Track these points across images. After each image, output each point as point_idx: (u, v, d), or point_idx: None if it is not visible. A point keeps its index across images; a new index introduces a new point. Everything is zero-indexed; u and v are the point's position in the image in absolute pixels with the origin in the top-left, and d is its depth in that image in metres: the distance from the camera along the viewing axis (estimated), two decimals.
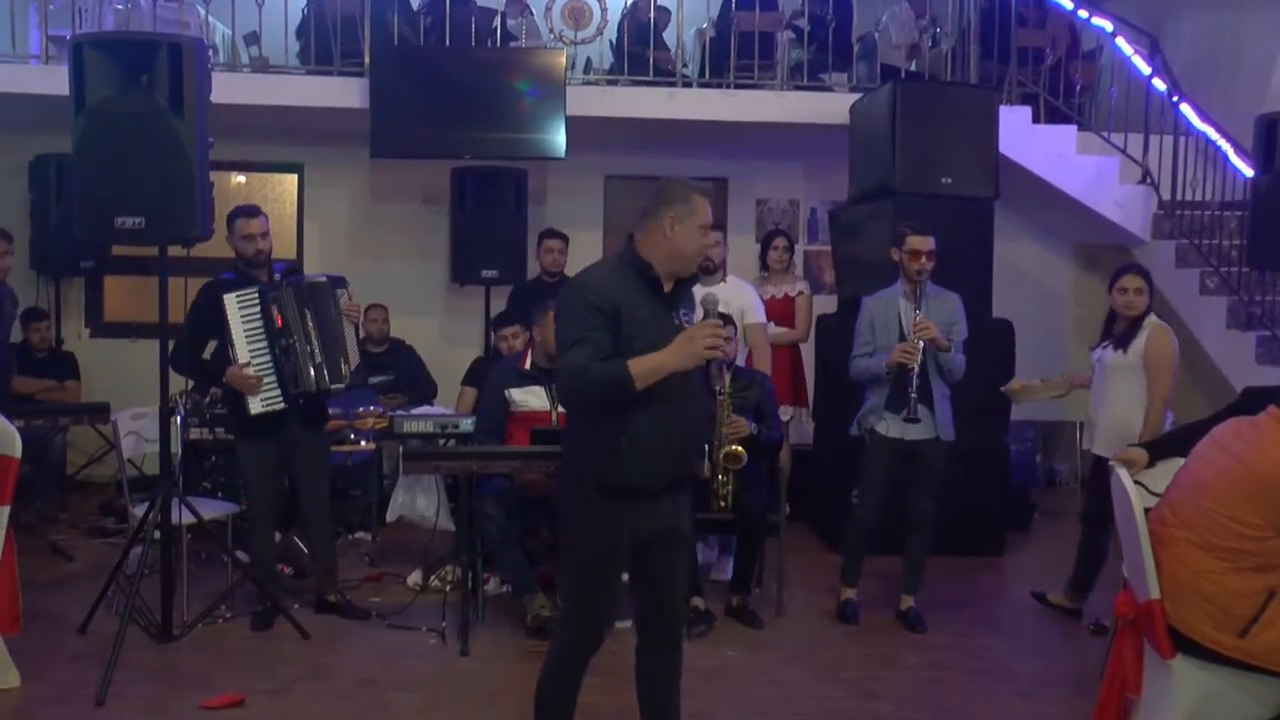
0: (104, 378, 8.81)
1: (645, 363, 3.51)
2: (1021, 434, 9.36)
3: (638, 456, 3.61)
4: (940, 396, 5.80)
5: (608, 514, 3.66)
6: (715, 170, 9.68)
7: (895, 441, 5.82)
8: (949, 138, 7.42)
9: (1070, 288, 10.00)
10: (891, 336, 5.79)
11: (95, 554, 6.98)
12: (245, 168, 9.60)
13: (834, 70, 9.00)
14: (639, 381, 3.49)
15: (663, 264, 3.67)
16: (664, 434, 3.64)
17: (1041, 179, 8.49)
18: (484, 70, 8.21)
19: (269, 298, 5.60)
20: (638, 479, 3.65)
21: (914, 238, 5.79)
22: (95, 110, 4.91)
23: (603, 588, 3.75)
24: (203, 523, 5.55)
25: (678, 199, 3.66)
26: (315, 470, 5.87)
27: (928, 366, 5.70)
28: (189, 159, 4.94)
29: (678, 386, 3.61)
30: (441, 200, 8.98)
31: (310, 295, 5.71)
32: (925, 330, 5.63)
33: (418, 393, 8.08)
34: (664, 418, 3.62)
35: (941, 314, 5.79)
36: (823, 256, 9.59)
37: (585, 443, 3.71)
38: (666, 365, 3.51)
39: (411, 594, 6.18)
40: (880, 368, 5.76)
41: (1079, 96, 9.05)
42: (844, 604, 6.03)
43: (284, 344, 5.59)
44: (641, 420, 3.59)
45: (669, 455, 3.71)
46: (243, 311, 5.57)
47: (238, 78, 8.16)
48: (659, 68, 8.77)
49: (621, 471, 3.62)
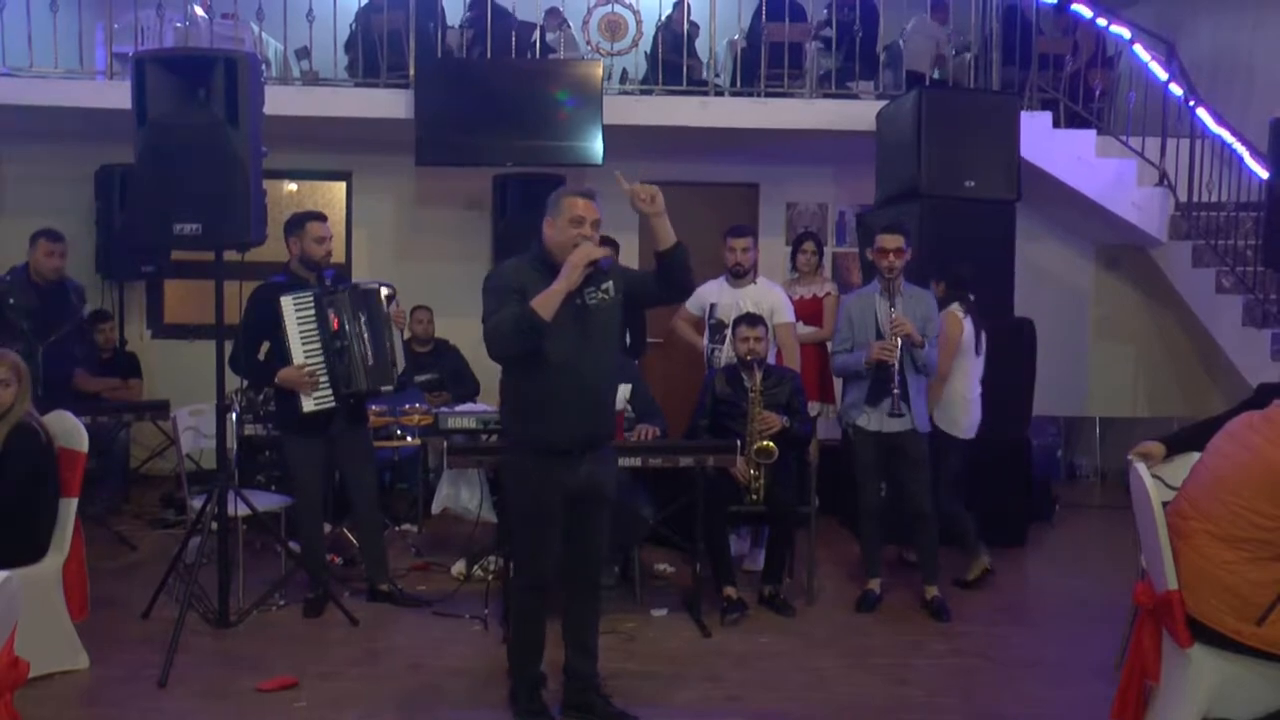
0: (164, 376, 8.90)
1: (540, 295, 3.99)
2: (1043, 429, 9.30)
3: (550, 417, 4.11)
4: (916, 391, 5.80)
5: (535, 471, 4.16)
6: (747, 176, 9.68)
7: (876, 435, 5.83)
8: (972, 142, 7.41)
9: (1091, 286, 9.91)
10: (869, 333, 5.81)
11: (157, 543, 7.05)
12: (296, 176, 9.67)
13: (861, 78, 8.97)
14: (540, 310, 3.96)
15: (558, 255, 4.11)
16: (570, 395, 4.11)
17: (1062, 182, 8.43)
18: (524, 81, 8.23)
19: (325, 301, 5.63)
20: (554, 437, 4.13)
21: (883, 236, 5.82)
22: (156, 123, 4.96)
23: (538, 536, 4.24)
24: (257, 514, 5.60)
25: (551, 205, 4.19)
26: (361, 465, 5.90)
27: (904, 362, 5.70)
28: (243, 168, 4.98)
29: (579, 351, 4.10)
30: (484, 206, 9.01)
31: (364, 300, 5.74)
32: (900, 326, 5.64)
33: (461, 390, 8.09)
34: (569, 380, 4.09)
35: (916, 311, 5.78)
36: (850, 258, 9.56)
37: (511, 406, 4.26)
38: (558, 288, 3.99)
39: (455, 583, 6.22)
40: (859, 363, 5.78)
41: (1098, 101, 8.99)
42: (863, 595, 6.03)
43: (339, 346, 5.62)
44: (550, 383, 4.08)
45: (578, 415, 4.14)
46: (299, 314, 5.59)
47: (289, 90, 8.22)
48: (692, 77, 8.76)
49: (539, 431, 4.13)
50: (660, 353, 8.73)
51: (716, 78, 8.91)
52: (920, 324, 5.75)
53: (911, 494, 5.87)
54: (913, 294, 5.86)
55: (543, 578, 4.30)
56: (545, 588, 4.32)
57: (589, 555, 4.38)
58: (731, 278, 6.68)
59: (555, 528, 4.24)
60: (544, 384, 4.11)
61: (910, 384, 5.76)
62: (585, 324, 4.15)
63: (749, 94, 8.66)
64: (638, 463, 5.50)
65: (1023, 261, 7.86)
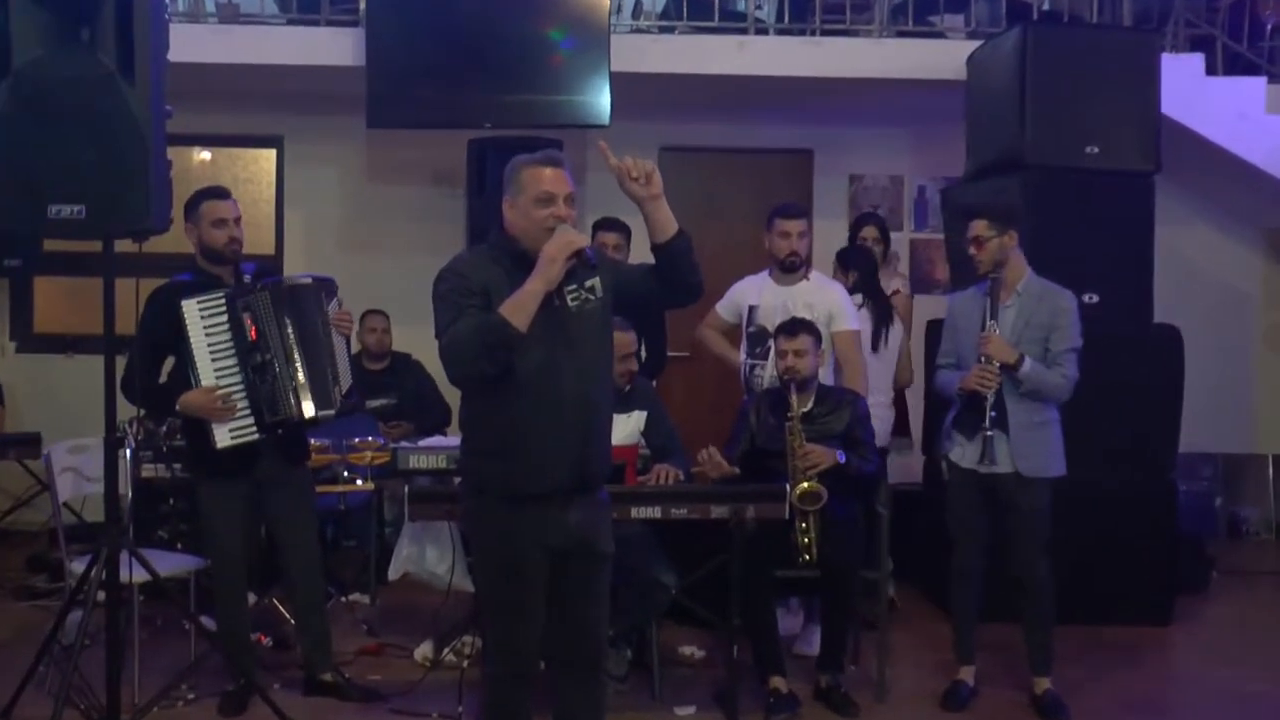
0: (33, 402, 9.01)
1: (511, 298, 3.99)
2: (1195, 471, 9.31)
3: (523, 453, 4.12)
4: (1027, 423, 5.81)
5: (507, 522, 4.18)
6: (797, 140, 9.75)
7: (973, 473, 5.89)
8: (1095, 96, 7.40)
9: (1259, 285, 9.95)
10: (972, 345, 5.87)
11: (22, 620, 7.11)
12: (211, 142, 9.77)
13: (946, 11, 9.02)
14: (513, 317, 3.96)
15: (525, 244, 4.19)
16: (549, 424, 4.12)
17: (1219, 146, 8.45)
18: (507, 16, 8.27)
19: (239, 304, 5.65)
20: (533, 481, 4.14)
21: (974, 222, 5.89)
22: (23, 74, 4.96)
23: (515, 607, 4.25)
24: (159, 580, 5.59)
25: (508, 181, 4.30)
26: (298, 517, 5.95)
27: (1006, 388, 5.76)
28: (141, 133, 4.98)
29: (559, 367, 4.13)
30: (456, 180, 9.10)
31: (291, 301, 5.77)
32: (990, 346, 5.71)
33: (426, 419, 8.14)
34: (547, 404, 4.11)
35: (1037, 317, 5.83)
36: (934, 247, 9.61)
37: (474, 444, 4.30)
38: (533, 288, 4.00)
39: (420, 670, 6.26)
40: (954, 388, 5.87)
41: (1269, 39, 8.98)
42: (952, 687, 6.04)
43: (258, 361, 5.65)
44: (524, 409, 4.11)
45: (560, 449, 4.15)
46: (206, 321, 5.63)
47: (201, 30, 8.33)
48: (726, 10, 8.81)
49: (513, 472, 4.14)
50: (684, 370, 8.79)
51: (758, 10, 8.97)
52: (1040, 334, 5.79)
53: (1018, 554, 5.89)
54: (1037, 293, 5.89)
55: (524, 663, 4.32)
56: (527, 676, 4.35)
57: (585, 631, 4.37)
58: (779, 271, 6.73)
59: (536, 595, 4.24)
60: (515, 410, 4.13)
61: (1021, 414, 5.79)
62: (566, 332, 4.17)
63: (800, 32, 8.73)
64: (657, 513, 5.54)
65: (1165, 252, 7.86)
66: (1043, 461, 5.85)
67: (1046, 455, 5.87)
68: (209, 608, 6.11)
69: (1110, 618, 6.99)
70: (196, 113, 7.46)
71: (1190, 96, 8.26)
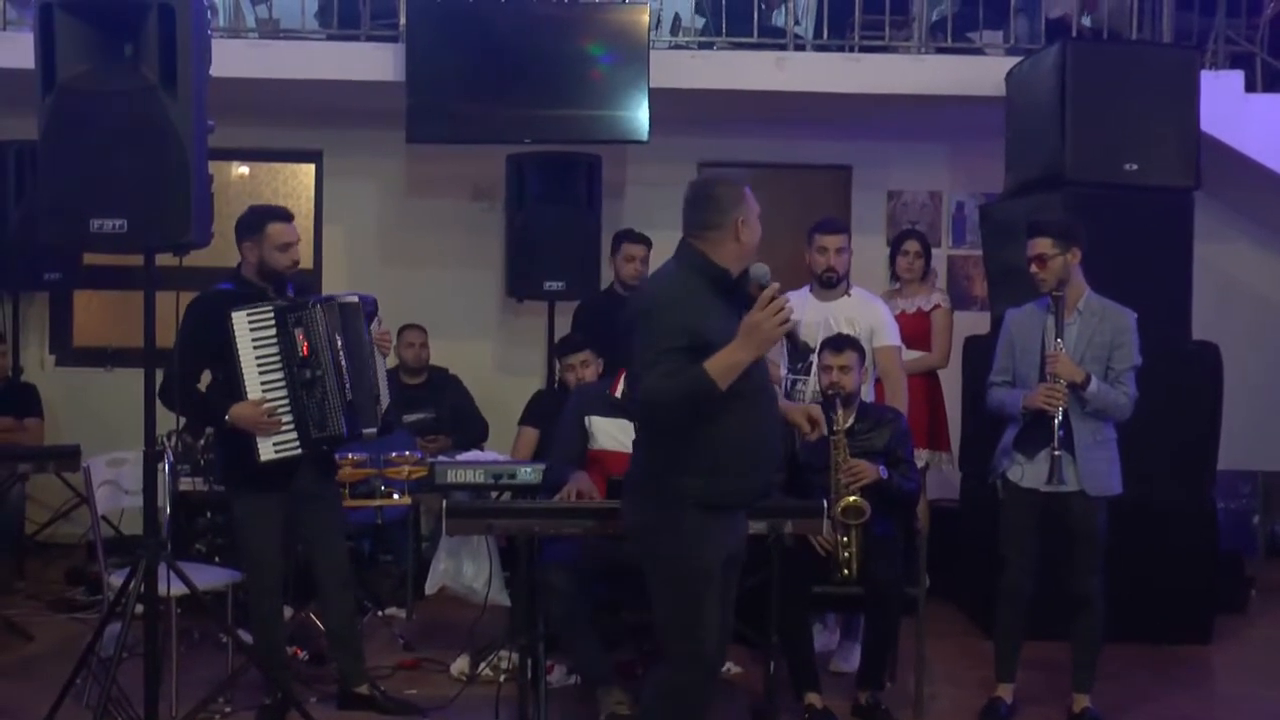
0: (73, 415, 9.01)
1: (720, 360, 4.14)
2: (1234, 488, 9.22)
3: (731, 468, 4.30)
4: (1092, 440, 5.77)
5: (704, 532, 4.31)
6: (836, 156, 9.71)
7: (1032, 493, 5.82)
8: (1135, 112, 7.38)
9: None
10: (1034, 364, 5.82)
11: (61, 632, 7.12)
12: (250, 156, 9.81)
13: (985, 28, 8.97)
14: (720, 381, 4.12)
15: (736, 268, 4.35)
16: (756, 438, 4.35)
17: (1258, 163, 8.39)
18: (547, 31, 8.28)
19: (290, 318, 5.64)
20: (734, 492, 4.37)
21: (1034, 240, 5.83)
22: (68, 87, 4.99)
23: (710, 612, 4.36)
24: (196, 594, 5.62)
25: (738, 199, 4.36)
26: (331, 531, 5.96)
27: (1070, 406, 5.70)
28: (183, 147, 4.99)
29: (757, 384, 4.32)
30: (495, 195, 9.11)
31: (342, 317, 5.79)
32: (1060, 363, 5.66)
33: (464, 434, 8.15)
34: (754, 420, 4.32)
35: (1101, 335, 5.79)
36: (972, 263, 9.55)
37: (673, 462, 4.32)
38: (742, 358, 4.15)
39: (456, 685, 6.25)
40: (1018, 406, 5.80)
41: None
42: (990, 704, 5.99)
43: (308, 377, 5.64)
44: (735, 428, 4.27)
45: (760, 461, 4.41)
46: (254, 333, 5.60)
47: (242, 45, 8.36)
48: (765, 26, 8.81)
49: (718, 486, 4.30)
50: None
51: (797, 26, 8.95)
52: (1102, 352, 5.77)
53: (1075, 574, 5.84)
54: (1098, 312, 5.86)
55: (715, 666, 4.56)
56: (713, 681, 4.58)
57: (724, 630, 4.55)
58: (819, 287, 6.72)
59: (730, 596, 4.51)
60: (739, 429, 4.30)
61: (1085, 433, 5.75)
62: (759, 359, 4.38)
63: (839, 48, 8.70)
64: None
65: (1204, 269, 7.83)
66: (1106, 481, 5.82)
67: (1109, 474, 5.84)
68: (246, 621, 6.10)
69: (1150, 636, 6.91)
70: (236, 127, 7.49)
71: (1229, 113, 8.21)
